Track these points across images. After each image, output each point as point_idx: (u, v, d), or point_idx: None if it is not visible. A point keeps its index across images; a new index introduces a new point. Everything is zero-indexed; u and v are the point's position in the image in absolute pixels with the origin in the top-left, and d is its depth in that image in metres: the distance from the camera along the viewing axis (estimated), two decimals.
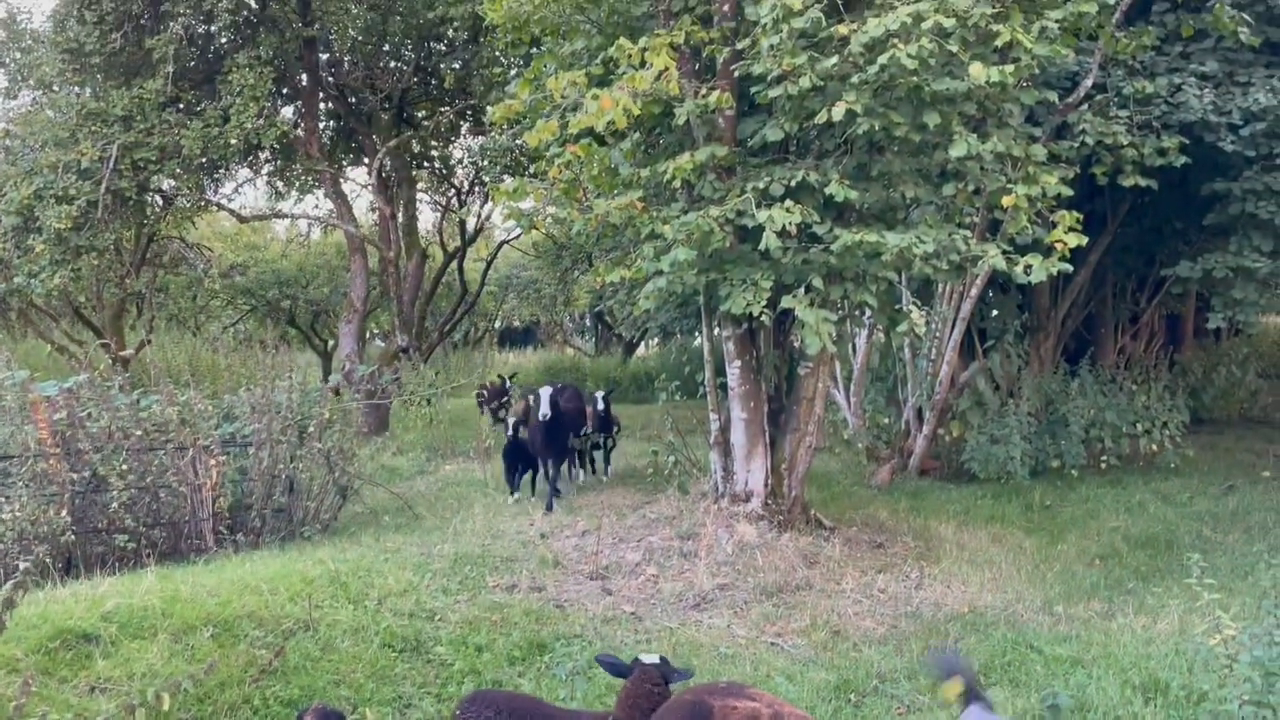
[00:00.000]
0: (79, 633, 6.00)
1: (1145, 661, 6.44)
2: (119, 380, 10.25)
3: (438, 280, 23.63)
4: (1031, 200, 8.48)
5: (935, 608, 8.21)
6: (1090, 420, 13.25)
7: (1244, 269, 11.58)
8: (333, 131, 20.23)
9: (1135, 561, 9.40)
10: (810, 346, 8.30)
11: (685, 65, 9.28)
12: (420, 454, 15.02)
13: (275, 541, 9.33)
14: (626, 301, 22.11)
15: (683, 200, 9.17)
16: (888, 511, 11.18)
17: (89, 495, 8.56)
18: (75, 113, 14.92)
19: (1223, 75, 11.76)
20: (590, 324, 37.63)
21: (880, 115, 7.91)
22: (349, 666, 6.43)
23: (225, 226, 28.04)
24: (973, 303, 12.69)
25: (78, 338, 18.98)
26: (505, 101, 9.75)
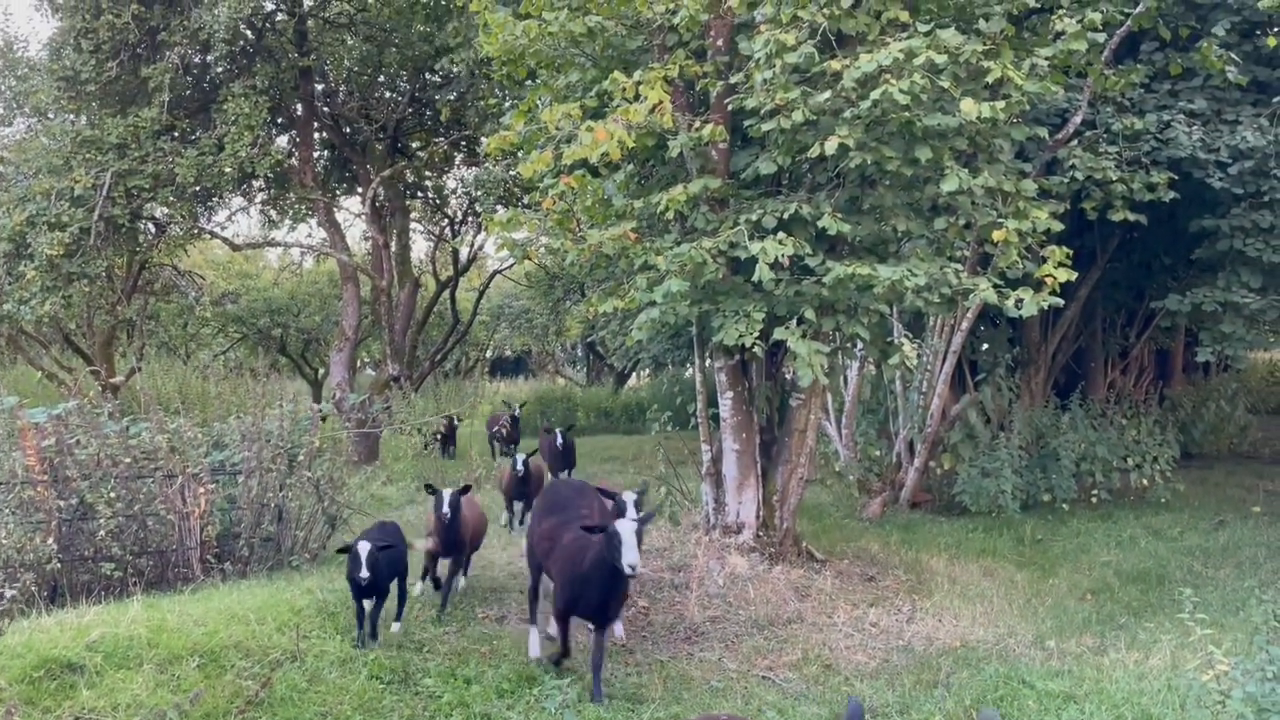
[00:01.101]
0: (64, 662, 5.93)
1: (1138, 697, 6.40)
2: (108, 407, 10.20)
3: (430, 309, 23.66)
4: (1022, 235, 8.54)
5: (927, 642, 8.17)
6: (1081, 454, 13.27)
7: (1232, 304, 11.66)
8: (327, 161, 20.32)
9: (1127, 596, 9.38)
10: (802, 378, 8.32)
11: (679, 99, 9.36)
12: (410, 483, 14.94)
13: (263, 571, 9.25)
14: (619, 332, 22.15)
15: (676, 232, 9.22)
16: (879, 544, 11.15)
17: (76, 523, 8.49)
18: (70, 140, 14.96)
19: (1211, 113, 11.90)
20: (582, 354, 37.63)
21: (872, 150, 7.98)
22: (336, 698, 6.36)
23: (218, 254, 28.06)
24: (964, 336, 12.74)
25: (67, 364, 18.92)
26: (500, 132, 9.81)
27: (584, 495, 7.86)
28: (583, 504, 7.64)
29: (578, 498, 7.77)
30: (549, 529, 7.43)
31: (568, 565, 6.94)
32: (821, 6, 7.93)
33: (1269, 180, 11.30)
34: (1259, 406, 21.67)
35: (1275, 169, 11.25)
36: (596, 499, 7.89)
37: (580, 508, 7.53)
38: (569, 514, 7.41)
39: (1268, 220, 11.44)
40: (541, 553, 7.48)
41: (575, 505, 7.58)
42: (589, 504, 7.70)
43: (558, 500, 7.80)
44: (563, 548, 7.08)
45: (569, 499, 7.74)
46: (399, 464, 15.88)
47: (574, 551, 6.92)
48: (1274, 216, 11.44)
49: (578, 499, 7.73)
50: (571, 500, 7.71)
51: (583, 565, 6.75)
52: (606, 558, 6.47)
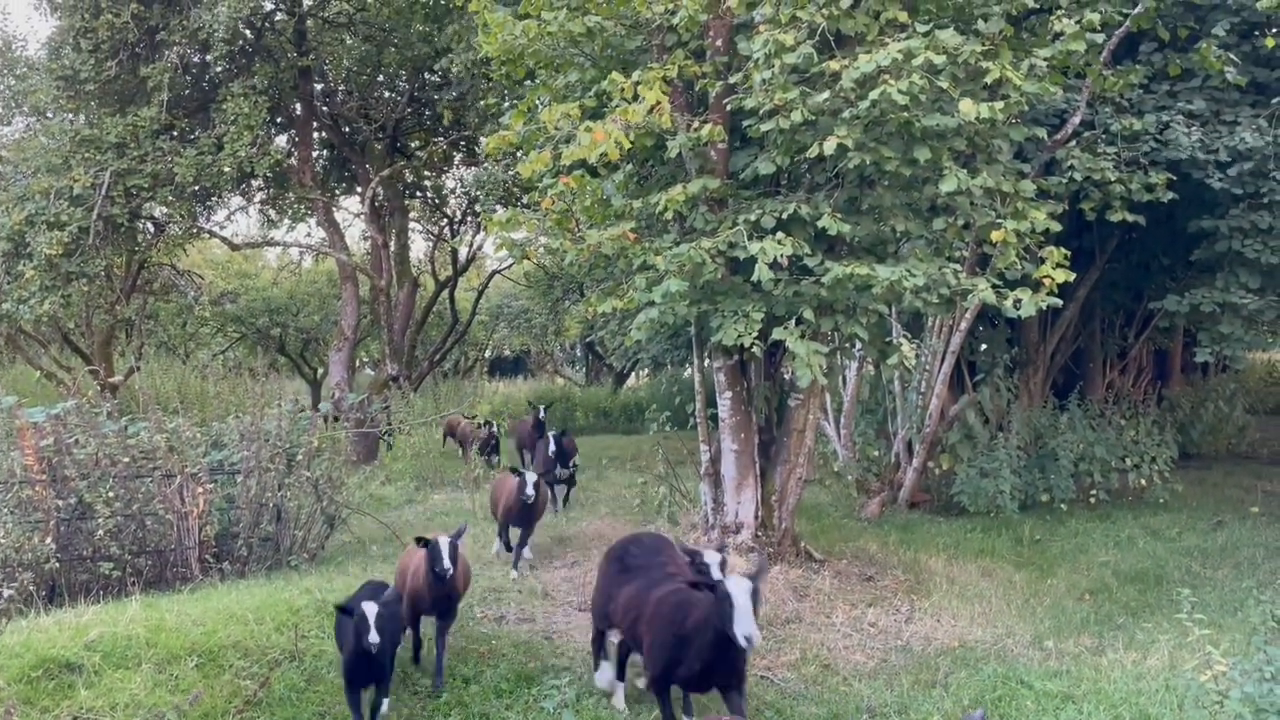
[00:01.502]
0: (62, 662, 5.94)
1: (1136, 697, 6.41)
2: (107, 407, 10.22)
3: (429, 309, 23.66)
4: (1020, 235, 8.54)
5: (925, 642, 8.18)
6: (1079, 454, 13.27)
7: (1231, 305, 11.66)
8: (326, 160, 20.33)
9: (1125, 596, 9.39)
10: (801, 378, 8.32)
11: (678, 99, 9.36)
12: (409, 483, 14.96)
13: (262, 570, 9.26)
14: (618, 332, 22.15)
15: (675, 232, 9.21)
16: (878, 544, 11.16)
17: (74, 522, 8.50)
18: (69, 139, 14.97)
19: (1209, 114, 11.90)
20: (581, 354, 37.64)
21: (871, 150, 7.98)
22: (335, 698, 6.37)
23: (217, 254, 28.06)
24: (962, 336, 12.74)
25: (66, 364, 18.92)
26: (500, 132, 9.81)
27: (663, 550, 6.77)
28: (666, 559, 6.59)
29: (657, 553, 6.68)
30: (632, 596, 6.32)
31: (664, 627, 5.85)
32: (820, 7, 7.92)
33: (1268, 181, 11.30)
34: (1257, 407, 21.67)
35: (1274, 170, 11.25)
36: (678, 554, 6.80)
37: (664, 564, 6.49)
38: (652, 573, 6.39)
39: (1266, 221, 11.44)
40: (626, 625, 6.36)
41: (657, 562, 6.53)
42: (673, 559, 6.65)
43: (634, 557, 6.69)
44: (655, 608, 6.02)
45: (647, 555, 6.66)
46: (397, 464, 15.89)
47: (671, 610, 5.88)
48: (1272, 217, 11.44)
49: (658, 554, 6.66)
50: (651, 556, 6.63)
51: (683, 627, 5.72)
52: (714, 622, 5.41)
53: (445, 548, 6.70)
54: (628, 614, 6.31)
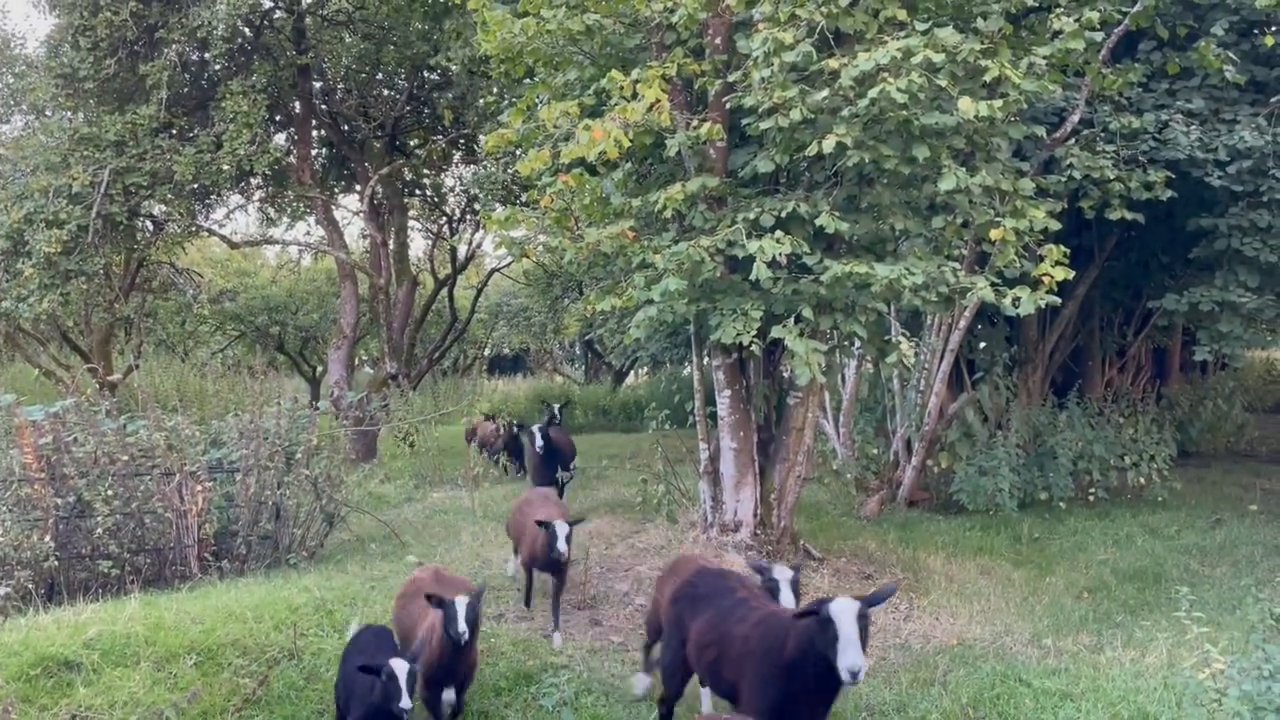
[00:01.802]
0: (61, 660, 5.94)
1: (1134, 695, 6.42)
2: (106, 405, 10.21)
3: (428, 307, 23.65)
4: (1019, 233, 8.54)
5: (924, 640, 8.18)
6: (1078, 453, 13.28)
7: (1229, 303, 11.66)
8: (325, 158, 20.31)
9: (1124, 594, 9.40)
10: (800, 377, 8.32)
11: (677, 97, 9.36)
12: (408, 481, 14.96)
13: (261, 569, 9.27)
14: (617, 330, 22.14)
15: (674, 230, 9.22)
16: (876, 542, 11.16)
17: (73, 521, 8.50)
18: (67, 137, 14.96)
19: (1209, 113, 11.89)
20: (580, 352, 37.64)
21: (870, 148, 7.98)
22: (334, 696, 6.36)
23: (216, 252, 28.05)
24: (961, 334, 12.74)
25: (65, 362, 18.91)
26: (499, 131, 9.81)
27: (729, 577, 6.09)
28: (737, 587, 5.88)
29: (724, 580, 6.00)
30: (708, 630, 5.57)
31: (762, 662, 5.06)
32: (819, 5, 7.92)
33: (1267, 179, 11.29)
34: (1256, 405, 21.68)
35: (1273, 168, 11.25)
36: (746, 579, 6.19)
37: (736, 591, 5.79)
38: (725, 600, 5.69)
39: (1265, 220, 11.44)
40: (705, 664, 5.58)
41: (729, 590, 5.82)
42: (745, 586, 5.98)
43: (702, 591, 5.93)
44: (744, 643, 5.24)
45: (716, 586, 5.91)
46: (397, 462, 15.89)
47: (765, 641, 5.10)
48: (1271, 216, 11.44)
49: (726, 581, 5.96)
50: (720, 586, 5.89)
51: (780, 659, 4.96)
52: (815, 651, 4.73)
53: (462, 611, 5.65)
54: (705, 652, 5.47)
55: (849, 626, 4.57)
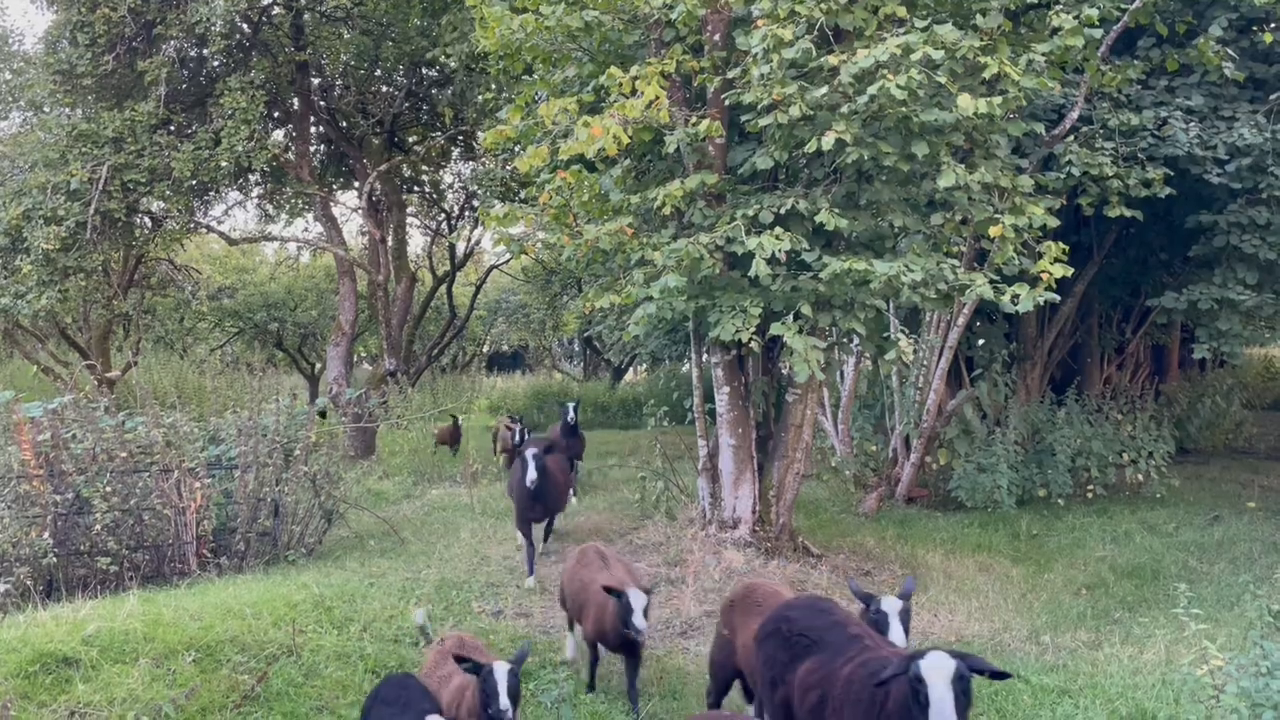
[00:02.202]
0: (59, 656, 5.94)
1: (1132, 692, 6.43)
2: (104, 402, 10.20)
3: (426, 304, 23.65)
4: (1018, 230, 8.55)
5: (922, 636, 8.18)
6: (1076, 450, 13.29)
7: (1228, 301, 11.67)
8: (323, 155, 20.29)
9: (1122, 591, 9.40)
10: (799, 374, 8.32)
11: (676, 94, 9.35)
12: (407, 478, 14.95)
13: (259, 565, 9.27)
14: (616, 327, 22.14)
15: (673, 227, 9.22)
16: (875, 539, 11.17)
17: (72, 517, 8.50)
18: (65, 134, 14.93)
19: (1207, 110, 11.90)
20: (579, 349, 37.64)
21: (869, 145, 7.97)
22: (333, 692, 6.37)
23: (214, 249, 28.03)
24: (960, 331, 12.74)
25: (64, 359, 18.89)
26: (497, 127, 9.80)
27: (830, 609, 5.17)
28: (845, 621, 5.04)
29: (826, 614, 5.09)
30: (814, 673, 4.81)
31: (861, 713, 4.42)
32: (819, 1, 7.92)
33: (1266, 176, 11.30)
34: (1254, 402, 21.71)
35: (1272, 166, 11.25)
36: (848, 613, 5.24)
37: (846, 627, 4.97)
38: (834, 636, 4.89)
39: (1264, 217, 11.45)
40: (807, 708, 4.80)
41: (837, 625, 4.98)
42: (851, 619, 5.14)
43: (801, 627, 5.07)
44: (845, 687, 4.59)
45: (819, 621, 5.05)
46: (396, 459, 15.89)
47: (864, 688, 4.45)
48: (1270, 213, 11.45)
49: (829, 615, 5.07)
50: (825, 621, 5.02)
51: (884, 709, 4.32)
52: (911, 714, 4.06)
53: (503, 680, 4.72)
54: (808, 695, 4.79)
55: (941, 688, 3.93)
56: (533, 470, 9.30)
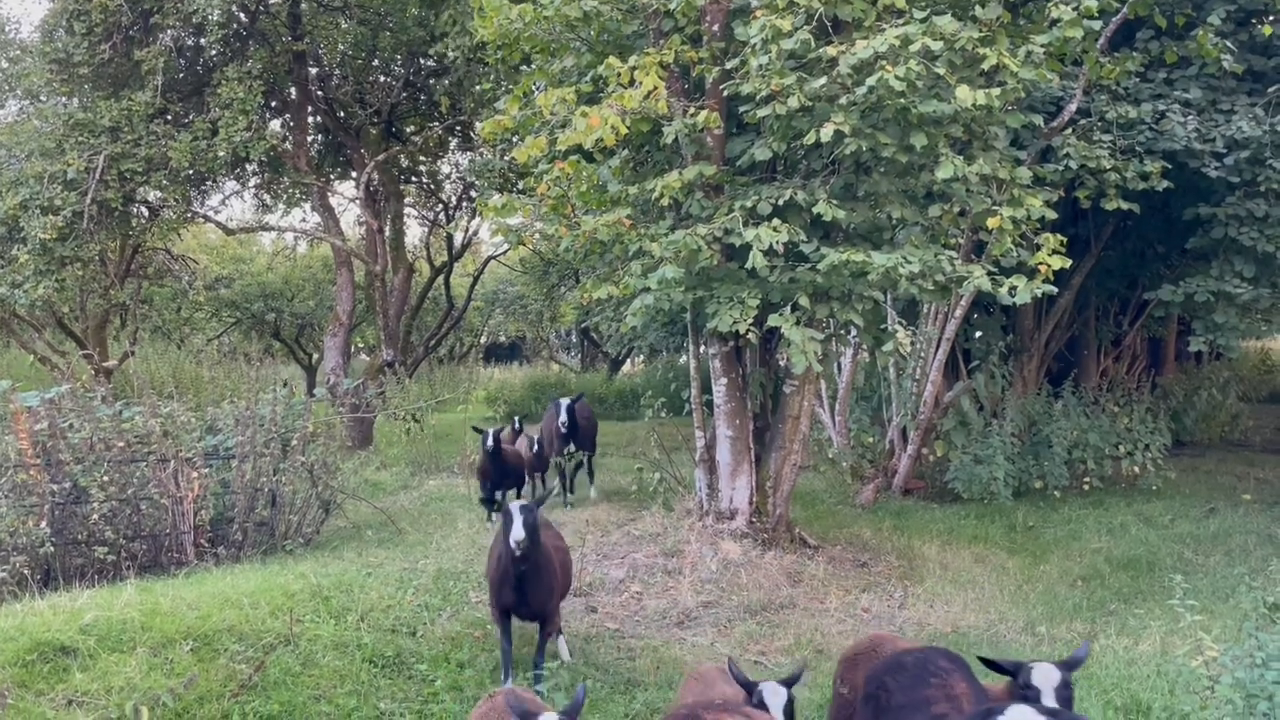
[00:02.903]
0: (57, 645, 5.94)
1: (1127, 683, 6.45)
2: (101, 391, 10.19)
3: (424, 295, 23.61)
4: (1016, 222, 8.55)
5: (918, 627, 8.21)
6: (1073, 442, 13.33)
7: (1225, 294, 11.68)
8: (321, 145, 20.24)
9: (1117, 583, 9.43)
10: (796, 365, 8.33)
11: (674, 84, 9.33)
12: (404, 469, 14.96)
13: (257, 555, 9.27)
14: (614, 319, 22.13)
15: (670, 218, 9.21)
16: (872, 530, 11.19)
17: (69, 506, 8.49)
18: (62, 123, 14.89)
19: (1206, 103, 11.90)
20: (576, 340, 37.63)
21: (868, 136, 7.97)
22: (330, 682, 6.38)
23: (211, 239, 27.97)
24: (957, 323, 12.76)
25: (60, 348, 18.86)
26: (495, 117, 9.79)
27: (941, 670, 4.31)
28: (941, 683, 4.23)
29: (928, 681, 4.25)
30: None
31: None
32: None
33: (1264, 169, 11.30)
34: (1251, 395, 21.74)
35: (1271, 159, 11.26)
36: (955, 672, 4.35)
37: (944, 686, 4.21)
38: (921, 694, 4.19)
39: (1262, 209, 11.45)
40: None
41: (930, 695, 4.18)
42: (948, 682, 4.26)
43: (897, 701, 4.28)
44: None
45: (913, 685, 4.27)
46: (393, 449, 15.89)
47: None
48: (1269, 205, 11.46)
49: (932, 679, 4.25)
50: (918, 688, 4.24)
51: None
52: None
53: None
54: None
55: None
56: (519, 528, 6.15)
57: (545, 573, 6.60)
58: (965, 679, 4.26)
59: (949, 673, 4.30)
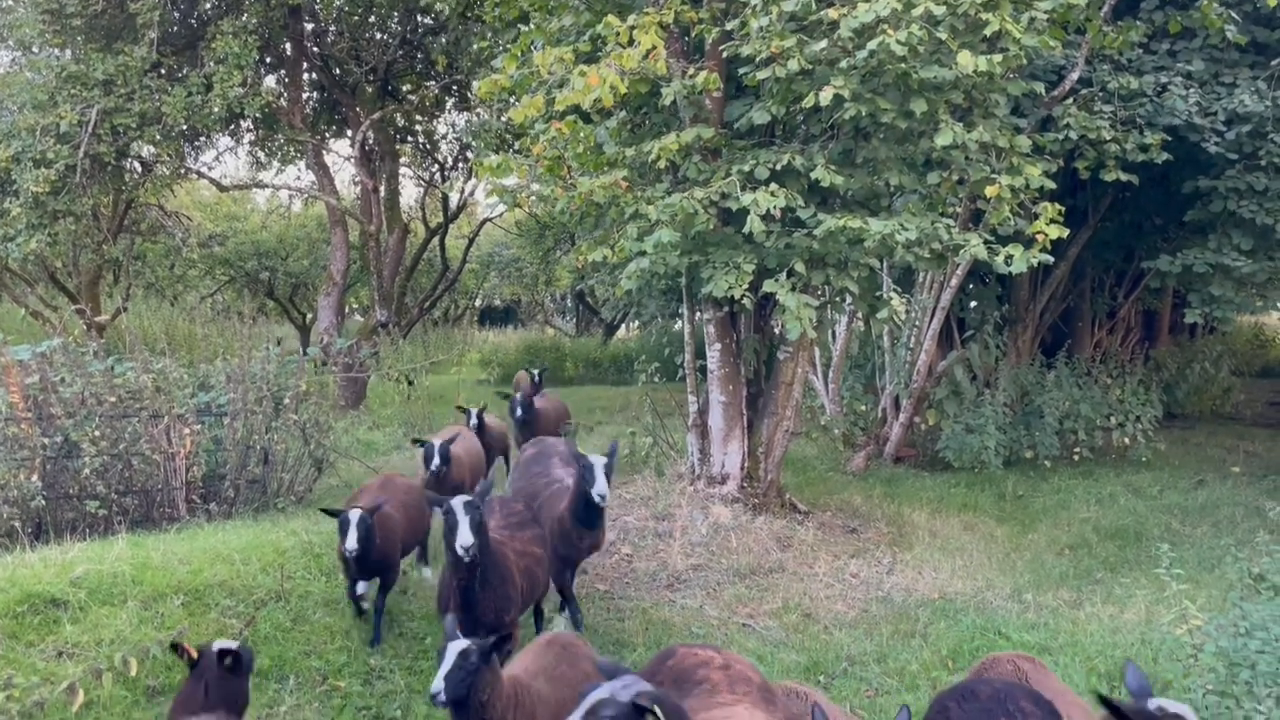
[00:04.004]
0: (47, 598, 5.96)
1: (1111, 650, 6.52)
2: (94, 346, 10.15)
3: (419, 256, 23.51)
4: (1014, 191, 8.51)
5: (906, 593, 8.27)
6: (1065, 412, 13.37)
7: (1222, 266, 11.67)
8: (316, 102, 20.05)
9: (1104, 552, 9.50)
10: (791, 331, 8.32)
11: (673, 45, 9.24)
12: (397, 429, 14.96)
13: (249, 512, 9.28)
14: (609, 283, 22.06)
15: (667, 181, 9.15)
16: (862, 497, 11.25)
17: (61, 460, 8.49)
18: (55, 75, 14.71)
19: (1208, 75, 11.82)
20: (571, 305, 37.56)
21: (867, 101, 7.91)
22: (320, 638, 6.42)
23: (205, 195, 27.79)
24: (953, 293, 12.74)
25: (53, 303, 18.79)
26: (492, 76, 9.69)
27: (1034, 715, 3.69)
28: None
29: (1003, 716, 3.67)
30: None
31: None
32: None
33: (1265, 143, 11.25)
34: (1243, 369, 21.79)
35: (1272, 132, 11.20)
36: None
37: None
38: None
39: (1262, 183, 11.41)
40: None
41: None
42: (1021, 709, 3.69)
43: (969, 713, 3.75)
44: None
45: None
46: (386, 410, 15.89)
47: None
48: (1269, 179, 11.41)
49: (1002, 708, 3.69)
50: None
51: None
52: None
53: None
54: None
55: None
56: (466, 531, 5.34)
57: (504, 582, 5.67)
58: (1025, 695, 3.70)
59: (1028, 716, 3.66)
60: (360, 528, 6.26)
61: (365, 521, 6.34)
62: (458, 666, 4.07)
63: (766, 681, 4.11)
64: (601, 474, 6.54)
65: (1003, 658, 4.49)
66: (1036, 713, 3.65)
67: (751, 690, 3.93)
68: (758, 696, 3.91)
